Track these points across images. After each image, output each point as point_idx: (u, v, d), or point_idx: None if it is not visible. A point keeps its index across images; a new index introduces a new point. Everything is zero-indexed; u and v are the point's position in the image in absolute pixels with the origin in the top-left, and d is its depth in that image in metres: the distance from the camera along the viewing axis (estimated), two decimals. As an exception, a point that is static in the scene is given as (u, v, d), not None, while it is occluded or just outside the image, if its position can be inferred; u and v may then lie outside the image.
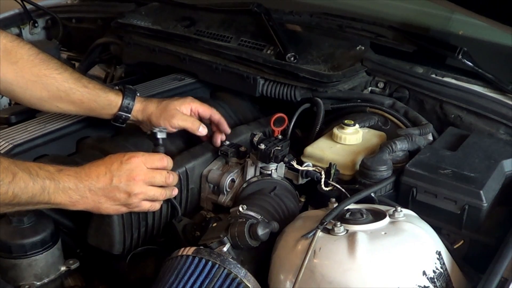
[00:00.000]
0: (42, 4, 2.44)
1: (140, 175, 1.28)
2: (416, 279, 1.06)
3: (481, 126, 1.53)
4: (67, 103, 1.47)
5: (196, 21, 1.97)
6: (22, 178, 1.13)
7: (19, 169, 1.13)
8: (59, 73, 1.45)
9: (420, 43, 1.74)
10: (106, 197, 1.25)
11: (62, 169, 1.22)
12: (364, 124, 1.56)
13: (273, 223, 1.22)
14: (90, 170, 1.25)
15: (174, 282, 1.12)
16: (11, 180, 1.11)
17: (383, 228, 1.12)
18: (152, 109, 1.51)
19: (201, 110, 1.55)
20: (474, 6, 1.59)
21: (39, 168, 1.18)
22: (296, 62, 1.70)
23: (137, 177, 1.27)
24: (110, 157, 1.28)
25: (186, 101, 1.54)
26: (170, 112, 1.49)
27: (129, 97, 1.50)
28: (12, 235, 1.28)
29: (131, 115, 1.50)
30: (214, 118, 1.56)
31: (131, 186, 1.26)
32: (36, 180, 1.15)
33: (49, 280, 1.32)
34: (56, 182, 1.19)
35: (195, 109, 1.55)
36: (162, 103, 1.51)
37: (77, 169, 1.24)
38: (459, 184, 1.25)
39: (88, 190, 1.23)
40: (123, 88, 1.52)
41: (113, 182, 1.25)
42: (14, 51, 1.41)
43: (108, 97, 1.49)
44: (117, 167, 1.26)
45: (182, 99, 1.54)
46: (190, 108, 1.54)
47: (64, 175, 1.21)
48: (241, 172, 1.48)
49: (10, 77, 1.40)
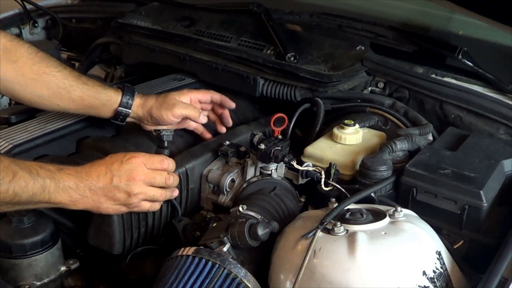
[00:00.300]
0: (42, 4, 2.44)
1: (140, 175, 1.28)
2: (416, 279, 1.06)
3: (481, 126, 1.53)
4: (68, 100, 1.47)
5: (196, 21, 1.97)
6: (23, 177, 1.13)
7: (19, 168, 1.14)
8: (58, 71, 1.46)
9: (420, 43, 1.74)
10: (106, 196, 1.25)
11: (63, 168, 1.22)
12: (364, 124, 1.56)
13: (273, 223, 1.22)
14: (90, 169, 1.25)
15: (174, 282, 1.12)
16: (11, 179, 1.12)
17: (383, 228, 1.12)
18: (152, 102, 1.52)
19: (200, 96, 1.57)
20: (474, 6, 1.59)
21: (40, 167, 1.18)
22: (296, 62, 1.70)
23: (137, 177, 1.27)
24: (111, 157, 1.28)
25: (184, 92, 1.57)
26: (171, 102, 1.51)
27: (129, 94, 1.51)
28: (12, 235, 1.28)
29: (131, 111, 1.51)
30: (216, 98, 1.58)
31: (131, 186, 1.26)
32: (37, 179, 1.16)
33: (49, 280, 1.32)
34: (56, 181, 1.19)
35: (194, 98, 1.56)
36: (161, 96, 1.53)
37: (78, 169, 1.24)
38: (459, 184, 1.25)
39: (88, 189, 1.23)
40: (122, 86, 1.52)
41: (113, 182, 1.25)
42: (14, 50, 1.42)
43: (108, 93, 1.49)
44: (117, 167, 1.26)
45: (180, 91, 1.58)
46: (189, 98, 1.56)
47: (65, 174, 1.21)
48: (241, 172, 1.48)
49: (10, 76, 1.41)
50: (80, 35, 2.39)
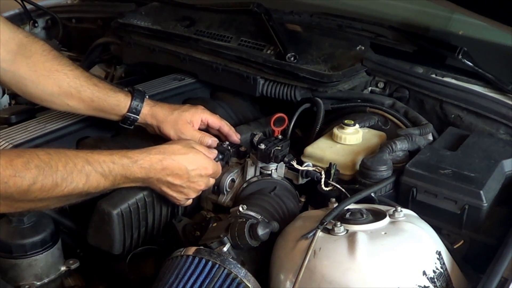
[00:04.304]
0: (42, 4, 2.44)
1: (208, 169, 1.35)
2: (416, 279, 1.06)
3: (481, 126, 1.53)
4: (77, 100, 1.47)
5: (196, 21, 1.97)
6: (95, 178, 1.18)
7: (92, 168, 1.18)
8: (70, 70, 1.46)
9: (420, 43, 1.74)
10: (171, 190, 1.33)
11: (137, 161, 1.26)
12: (364, 124, 1.56)
13: (273, 223, 1.22)
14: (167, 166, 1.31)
15: (174, 282, 1.12)
16: (85, 182, 1.16)
17: (383, 228, 1.12)
18: (162, 117, 1.51)
19: (211, 121, 1.55)
20: (474, 6, 1.59)
21: (113, 162, 1.22)
22: (296, 62, 1.70)
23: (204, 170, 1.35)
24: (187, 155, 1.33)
25: (198, 112, 1.54)
26: (181, 127, 1.50)
27: (138, 99, 1.50)
28: (12, 235, 1.28)
29: (139, 117, 1.51)
30: (223, 130, 1.56)
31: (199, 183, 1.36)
32: (108, 177, 1.21)
33: (49, 280, 1.33)
34: (127, 177, 1.25)
35: (205, 119, 1.55)
36: (174, 114, 1.51)
37: (153, 161, 1.28)
38: (459, 184, 1.25)
39: (156, 180, 1.30)
40: (132, 90, 1.52)
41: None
42: (29, 45, 1.43)
43: (118, 97, 1.49)
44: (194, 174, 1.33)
45: (193, 110, 1.54)
46: (200, 119, 1.54)
47: (138, 167, 1.26)
48: (241, 172, 1.48)
49: (23, 71, 1.41)
50: (80, 35, 2.39)
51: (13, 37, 1.41)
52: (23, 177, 1.06)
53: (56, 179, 1.11)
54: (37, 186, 1.08)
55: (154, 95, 1.73)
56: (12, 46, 1.40)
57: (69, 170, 1.13)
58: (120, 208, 1.31)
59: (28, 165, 1.07)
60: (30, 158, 1.08)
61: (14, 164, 1.06)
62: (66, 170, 1.13)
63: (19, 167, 1.06)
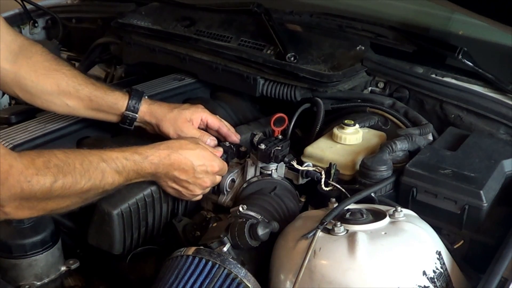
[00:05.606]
0: (42, 4, 2.44)
1: (214, 166, 1.38)
2: (416, 279, 1.06)
3: (481, 126, 1.53)
4: (76, 99, 1.48)
5: (196, 21, 1.97)
6: (110, 174, 1.22)
7: (107, 165, 1.21)
8: (68, 70, 1.50)
9: (420, 43, 1.74)
10: (179, 185, 1.36)
11: (148, 156, 1.29)
12: (364, 124, 1.56)
13: (273, 223, 1.22)
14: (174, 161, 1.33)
15: (174, 282, 1.12)
16: (101, 178, 1.20)
17: (383, 228, 1.12)
18: (161, 115, 1.51)
19: (210, 121, 1.55)
20: (474, 6, 1.59)
21: (126, 159, 1.25)
22: (296, 62, 1.70)
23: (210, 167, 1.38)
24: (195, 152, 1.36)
25: (197, 111, 1.55)
26: (181, 125, 1.50)
27: (136, 97, 1.51)
28: (12, 235, 1.28)
29: (138, 115, 1.51)
30: (222, 131, 1.56)
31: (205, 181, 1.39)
32: (122, 173, 1.24)
33: (49, 280, 1.33)
34: (138, 173, 1.28)
35: (204, 119, 1.55)
36: (173, 112, 1.52)
37: (162, 156, 1.31)
38: (459, 184, 1.25)
39: (164, 175, 1.34)
40: (130, 89, 1.53)
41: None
42: (29, 47, 1.47)
43: (115, 95, 1.50)
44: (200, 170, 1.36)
45: (193, 109, 1.55)
46: (200, 118, 1.54)
47: (148, 163, 1.29)
48: (241, 172, 1.48)
49: (24, 72, 1.44)
50: (80, 35, 2.39)
51: (15, 39, 1.45)
52: (45, 175, 1.08)
53: (75, 177, 1.14)
54: (58, 184, 1.10)
55: (154, 95, 1.73)
56: (14, 47, 1.43)
57: (86, 168, 1.16)
58: (120, 208, 1.31)
59: (49, 163, 1.10)
60: (49, 157, 1.11)
61: (36, 163, 1.08)
62: (83, 168, 1.16)
63: (41, 166, 1.09)
